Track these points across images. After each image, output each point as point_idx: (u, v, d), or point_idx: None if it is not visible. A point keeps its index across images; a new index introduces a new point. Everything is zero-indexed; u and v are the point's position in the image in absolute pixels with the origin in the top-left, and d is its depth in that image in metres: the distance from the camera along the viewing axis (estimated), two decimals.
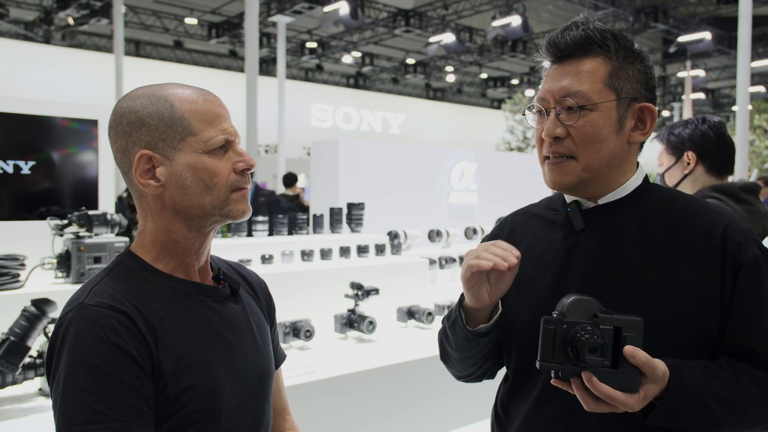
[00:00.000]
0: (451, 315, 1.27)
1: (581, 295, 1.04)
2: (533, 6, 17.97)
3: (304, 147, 19.76)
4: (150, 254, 1.09)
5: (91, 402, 0.91)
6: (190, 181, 1.05)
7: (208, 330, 1.08)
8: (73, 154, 3.14)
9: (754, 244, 1.13)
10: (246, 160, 1.10)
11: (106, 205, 3.25)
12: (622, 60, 1.17)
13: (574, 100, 1.14)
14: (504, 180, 8.07)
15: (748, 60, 10.35)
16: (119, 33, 13.53)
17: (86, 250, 2.61)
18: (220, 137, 1.06)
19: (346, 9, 13.60)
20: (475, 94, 29.24)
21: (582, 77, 1.15)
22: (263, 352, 1.18)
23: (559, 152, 1.17)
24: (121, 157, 1.07)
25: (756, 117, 18.41)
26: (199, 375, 1.02)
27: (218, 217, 1.08)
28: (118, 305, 0.98)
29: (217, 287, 1.14)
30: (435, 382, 2.71)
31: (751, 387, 1.08)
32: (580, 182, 1.18)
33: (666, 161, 2.25)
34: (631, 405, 1.00)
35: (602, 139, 1.15)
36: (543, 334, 1.01)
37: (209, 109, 1.07)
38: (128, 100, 1.07)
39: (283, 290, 3.21)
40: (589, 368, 0.98)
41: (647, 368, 1.00)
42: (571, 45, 1.17)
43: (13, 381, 1.99)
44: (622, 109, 1.16)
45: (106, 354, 0.94)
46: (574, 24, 1.19)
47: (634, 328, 0.99)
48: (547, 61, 1.22)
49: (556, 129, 1.16)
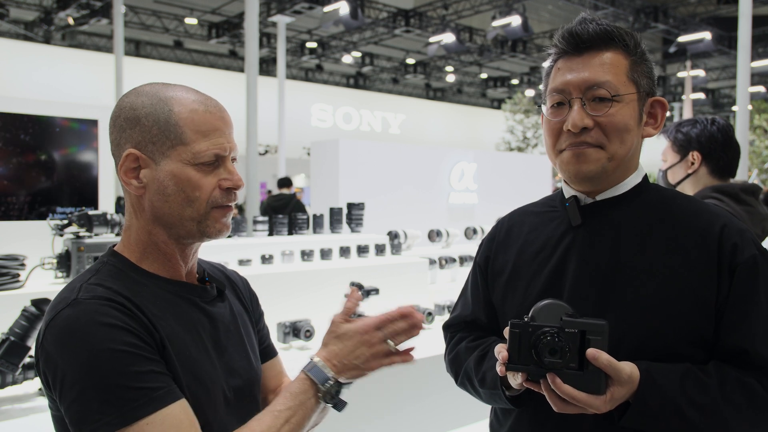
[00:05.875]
0: (477, 372, 1.27)
1: (553, 300, 1.08)
2: (533, 6, 17.97)
3: (304, 147, 19.77)
4: (135, 254, 1.07)
5: (125, 382, 0.90)
6: (171, 189, 1.03)
7: (198, 330, 1.07)
8: (73, 154, 3.14)
9: (752, 244, 1.12)
10: (234, 180, 1.07)
11: (106, 205, 3.25)
12: (638, 57, 1.18)
13: (605, 89, 1.13)
14: (504, 180, 8.08)
15: (748, 60, 10.35)
16: (119, 33, 13.52)
17: (86, 250, 2.61)
18: (211, 152, 1.04)
19: (346, 9, 13.60)
20: (475, 94, 29.25)
21: (606, 69, 1.15)
22: (249, 353, 1.18)
23: (586, 141, 1.15)
24: (114, 149, 1.07)
25: (756, 117, 18.41)
26: (193, 374, 1.02)
27: (195, 232, 1.06)
28: (115, 297, 0.97)
29: (204, 288, 1.14)
30: (435, 382, 2.71)
31: (735, 394, 1.06)
32: (604, 172, 1.16)
33: (670, 158, 2.23)
34: (596, 406, 1.01)
35: (629, 129, 1.15)
36: (510, 337, 1.05)
37: (207, 121, 1.05)
38: (132, 95, 1.06)
39: (283, 290, 3.21)
40: (554, 370, 1.01)
41: (611, 370, 1.00)
42: (593, 36, 1.16)
43: (13, 381, 1.99)
44: (641, 103, 1.18)
45: (118, 337, 0.93)
46: (590, 19, 1.19)
47: (599, 332, 1.01)
48: (557, 56, 1.20)
49: (584, 120, 1.14)
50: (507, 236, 1.34)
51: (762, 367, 1.08)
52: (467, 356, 1.32)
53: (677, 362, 1.08)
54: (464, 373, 1.32)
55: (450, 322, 1.43)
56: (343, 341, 1.08)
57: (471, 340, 1.36)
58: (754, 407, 1.06)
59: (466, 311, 1.39)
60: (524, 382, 1.06)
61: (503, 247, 1.33)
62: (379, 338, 1.09)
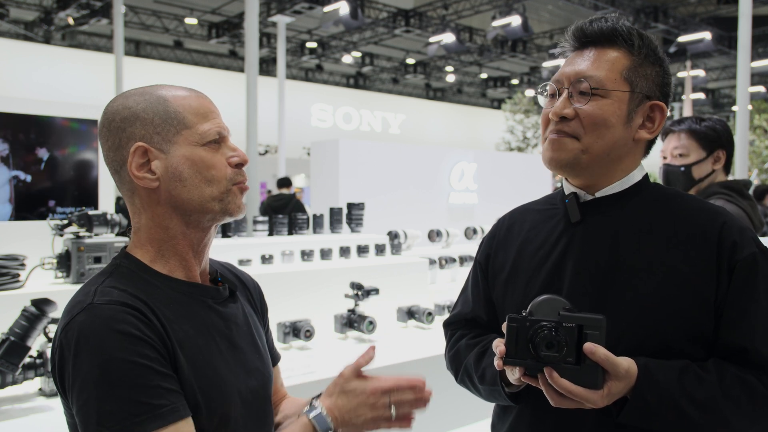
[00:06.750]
0: (477, 369, 1.28)
1: (552, 295, 1.08)
2: (533, 6, 17.96)
3: (304, 147, 19.76)
4: (148, 254, 1.07)
5: (132, 395, 0.91)
6: (187, 173, 1.04)
7: (212, 331, 1.07)
8: (73, 154, 3.14)
9: (752, 242, 1.12)
10: (239, 154, 1.10)
11: (106, 205, 3.25)
12: (644, 58, 1.18)
13: (588, 83, 1.15)
14: (504, 180, 8.08)
15: (748, 60, 10.35)
16: (119, 33, 13.53)
17: (86, 250, 2.61)
18: (214, 130, 1.07)
19: (346, 9, 13.60)
20: (475, 94, 29.24)
21: (601, 64, 1.17)
22: (262, 353, 1.19)
23: (564, 131, 1.17)
24: (114, 154, 1.06)
25: (756, 117, 18.41)
26: (209, 377, 1.02)
27: (217, 211, 1.07)
28: (130, 302, 0.97)
29: (217, 288, 1.14)
30: (435, 382, 2.70)
31: (734, 390, 1.06)
32: (576, 162, 1.17)
33: (696, 154, 2.26)
34: (593, 401, 1.01)
35: (609, 125, 1.15)
36: (507, 331, 1.06)
37: (202, 104, 1.08)
38: (120, 99, 1.07)
39: (283, 290, 3.21)
40: (551, 364, 1.01)
41: (608, 365, 1.01)
42: (597, 32, 1.19)
43: (13, 381, 1.99)
44: (634, 104, 1.17)
45: (131, 346, 0.93)
46: (604, 18, 1.21)
47: (596, 326, 1.02)
48: (569, 52, 1.23)
49: (564, 109, 1.16)
50: (507, 234, 1.34)
51: (761, 364, 1.08)
52: (467, 353, 1.33)
53: (676, 359, 1.08)
54: (464, 369, 1.33)
55: (450, 320, 1.44)
56: (349, 397, 1.08)
57: (471, 337, 1.36)
58: (753, 404, 1.07)
59: (466, 309, 1.40)
60: (522, 377, 1.07)
61: (504, 244, 1.34)
62: (383, 404, 1.10)
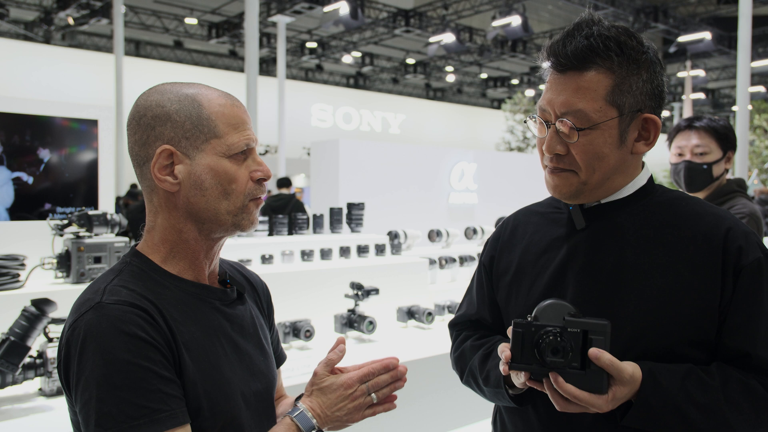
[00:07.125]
0: (482, 371, 1.28)
1: (557, 300, 1.08)
2: (533, 6, 17.98)
3: (304, 147, 19.77)
4: (159, 254, 1.07)
5: (131, 398, 0.91)
6: (209, 183, 1.04)
7: (219, 333, 1.07)
8: (73, 154, 3.14)
9: (757, 248, 1.12)
10: (264, 170, 1.09)
11: (106, 205, 3.25)
12: (626, 72, 1.11)
13: (572, 122, 1.11)
14: (504, 180, 8.08)
15: (748, 60, 10.36)
16: (119, 33, 13.53)
17: (86, 250, 2.61)
18: (243, 142, 1.06)
19: (346, 9, 13.61)
20: (475, 94, 29.25)
21: (582, 93, 1.11)
22: (267, 355, 1.19)
23: (559, 167, 1.17)
24: (139, 149, 1.05)
25: (756, 117, 18.42)
26: (214, 379, 1.02)
27: (230, 226, 1.07)
28: (138, 302, 0.97)
29: (225, 290, 1.13)
30: (435, 382, 2.71)
31: (738, 395, 1.06)
32: (579, 192, 1.18)
33: (715, 153, 2.36)
34: (599, 405, 1.01)
35: (603, 156, 1.13)
36: (513, 336, 1.06)
37: (236, 114, 1.07)
38: (155, 93, 1.05)
39: (283, 290, 3.21)
40: (556, 369, 1.02)
41: (613, 370, 1.01)
42: (571, 58, 1.11)
43: (13, 381, 1.98)
44: (624, 124, 1.13)
45: (136, 349, 0.93)
46: (577, 28, 1.13)
47: (601, 332, 1.02)
48: (548, 63, 1.19)
49: (556, 146, 1.15)
50: (512, 236, 1.34)
51: (764, 369, 1.08)
52: (472, 354, 1.33)
53: (680, 363, 1.08)
54: (469, 371, 1.33)
55: (455, 321, 1.45)
56: (326, 394, 1.08)
57: (476, 338, 1.37)
58: (757, 409, 1.07)
59: (471, 310, 1.40)
60: (527, 381, 1.07)
61: (508, 246, 1.34)
62: (362, 391, 1.09)
